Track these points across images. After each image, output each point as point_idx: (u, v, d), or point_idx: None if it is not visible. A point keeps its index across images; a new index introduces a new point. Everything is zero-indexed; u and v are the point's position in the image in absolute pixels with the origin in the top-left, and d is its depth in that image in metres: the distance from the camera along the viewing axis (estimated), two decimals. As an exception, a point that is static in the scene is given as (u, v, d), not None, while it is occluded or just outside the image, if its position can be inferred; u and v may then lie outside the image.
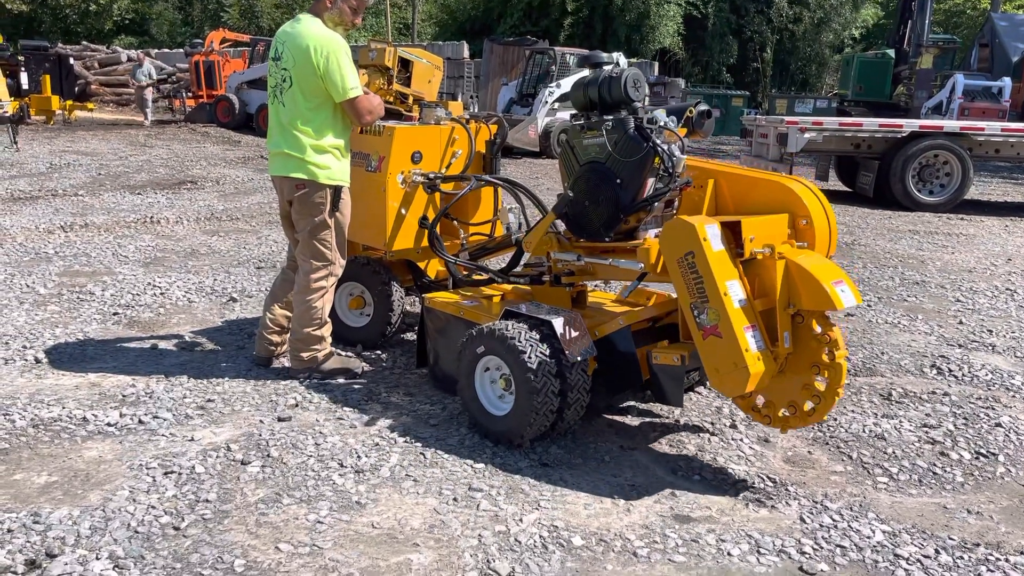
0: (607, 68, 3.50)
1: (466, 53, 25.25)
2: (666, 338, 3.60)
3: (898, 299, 6.16)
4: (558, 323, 3.31)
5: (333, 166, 3.88)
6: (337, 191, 3.91)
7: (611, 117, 3.36)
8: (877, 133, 11.17)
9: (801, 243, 3.10)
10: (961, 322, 5.56)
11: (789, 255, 2.97)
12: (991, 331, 5.36)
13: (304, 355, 4.02)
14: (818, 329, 2.98)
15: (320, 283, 3.96)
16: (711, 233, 2.91)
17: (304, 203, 3.89)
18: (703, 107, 3.46)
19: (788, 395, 3.11)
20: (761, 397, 3.20)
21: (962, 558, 2.72)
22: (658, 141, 3.23)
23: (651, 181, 3.31)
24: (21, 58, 21.14)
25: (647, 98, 3.46)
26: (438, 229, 4.27)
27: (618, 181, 3.31)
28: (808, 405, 3.06)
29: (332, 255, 3.97)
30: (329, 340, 4.08)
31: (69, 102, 20.37)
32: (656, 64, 28.09)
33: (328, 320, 4.05)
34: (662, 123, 3.29)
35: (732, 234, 2.98)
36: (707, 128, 3.47)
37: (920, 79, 21.52)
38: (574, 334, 3.31)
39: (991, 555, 2.74)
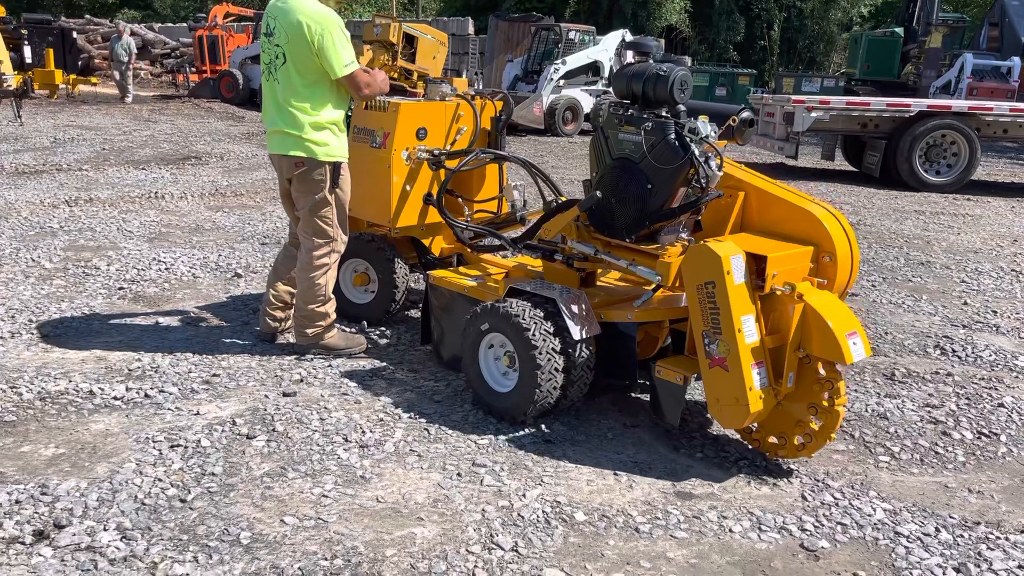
0: (654, 60, 3.38)
1: (471, 29, 25.08)
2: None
3: (903, 279, 6.16)
4: (563, 301, 3.31)
5: (331, 142, 3.86)
6: (336, 167, 3.89)
7: (651, 116, 3.23)
8: (884, 113, 11.11)
9: (821, 279, 3.03)
10: (965, 303, 5.56)
11: (808, 298, 2.91)
12: (995, 312, 5.36)
13: (308, 331, 4.03)
14: (822, 372, 2.95)
15: (323, 260, 3.96)
16: (735, 265, 2.86)
17: (303, 181, 3.88)
18: (746, 115, 3.34)
19: (781, 426, 3.11)
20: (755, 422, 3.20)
21: (962, 536, 2.73)
22: (696, 152, 3.11)
23: (682, 191, 3.22)
24: (24, 32, 21.02)
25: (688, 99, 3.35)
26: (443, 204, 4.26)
27: (649, 186, 3.21)
28: (798, 440, 3.06)
29: (334, 232, 3.96)
30: (333, 316, 4.09)
31: (72, 76, 20.31)
32: (662, 41, 27.88)
33: (332, 296, 4.05)
34: (704, 134, 3.14)
35: (755, 264, 2.93)
36: (747, 136, 3.33)
37: (929, 58, 21.35)
38: (579, 313, 3.31)
39: (991, 533, 2.76)
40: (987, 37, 24.02)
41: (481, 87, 19.20)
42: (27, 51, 19.92)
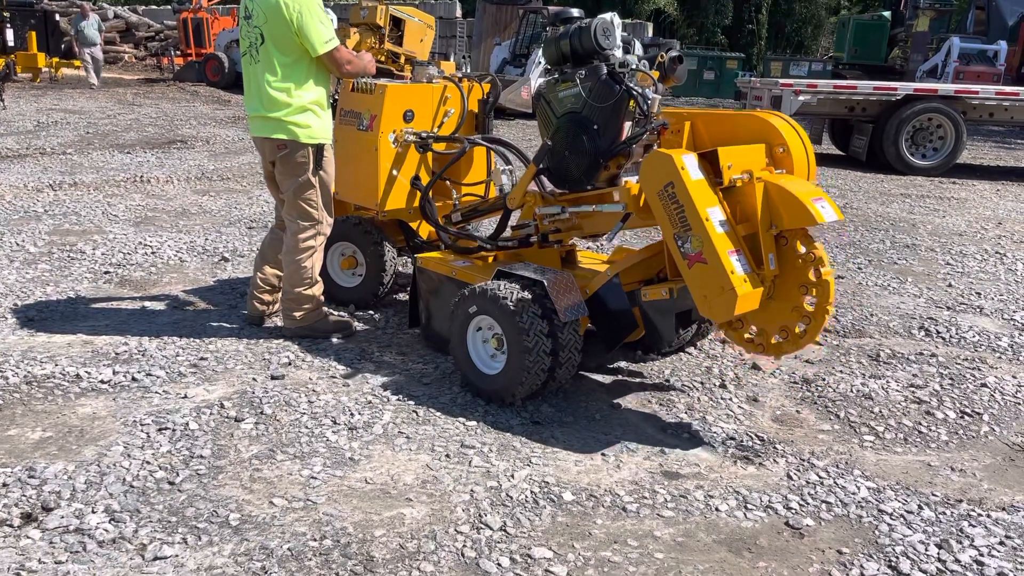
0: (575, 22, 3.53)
1: (459, 12, 24.90)
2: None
3: (888, 262, 6.20)
4: (549, 282, 3.32)
5: (313, 124, 3.84)
6: (319, 149, 3.87)
7: (584, 68, 3.39)
8: (871, 96, 11.13)
9: (779, 170, 3.12)
10: (950, 285, 5.60)
11: (768, 178, 3.00)
12: (979, 294, 5.40)
13: (296, 314, 4.02)
14: (802, 249, 3.00)
15: (308, 243, 3.94)
16: (689, 162, 2.95)
17: (287, 163, 3.86)
18: (674, 53, 3.45)
19: (779, 320, 3.12)
20: (753, 327, 3.21)
21: (944, 513, 2.77)
22: (631, 84, 3.27)
23: (627, 124, 3.35)
24: (6, 15, 20.71)
25: (619, 48, 3.46)
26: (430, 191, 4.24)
27: (595, 127, 3.35)
28: (799, 327, 3.06)
29: (319, 214, 3.94)
30: (321, 299, 4.08)
31: (56, 59, 20.05)
32: (650, 26, 27.78)
33: (319, 279, 4.04)
34: (634, 66, 3.32)
35: (710, 164, 3.01)
36: (679, 74, 3.44)
37: (916, 42, 21.34)
38: (565, 293, 3.33)
39: (973, 511, 2.79)
40: (974, 21, 24.00)
41: (469, 70, 19.09)
42: (9, 34, 19.62)
